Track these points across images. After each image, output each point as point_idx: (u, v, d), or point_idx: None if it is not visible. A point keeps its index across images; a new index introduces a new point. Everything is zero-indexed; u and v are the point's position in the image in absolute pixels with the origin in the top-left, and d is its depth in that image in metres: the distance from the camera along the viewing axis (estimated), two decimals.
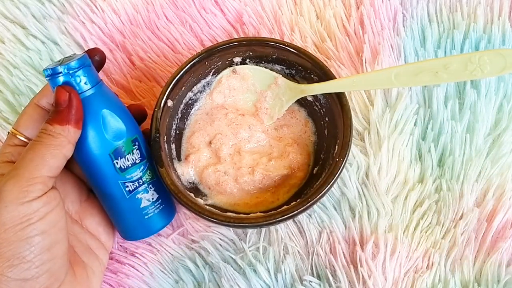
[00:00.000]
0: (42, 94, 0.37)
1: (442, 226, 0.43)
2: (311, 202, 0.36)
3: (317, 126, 0.45)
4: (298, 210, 0.36)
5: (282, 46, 0.42)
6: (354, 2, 0.52)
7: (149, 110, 0.48)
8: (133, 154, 0.38)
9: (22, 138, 0.36)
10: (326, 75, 0.41)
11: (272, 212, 0.37)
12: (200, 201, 0.39)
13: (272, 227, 0.44)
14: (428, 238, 0.43)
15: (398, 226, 0.43)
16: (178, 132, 0.44)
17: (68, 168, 0.40)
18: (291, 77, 0.45)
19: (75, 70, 0.34)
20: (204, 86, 0.45)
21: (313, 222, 0.44)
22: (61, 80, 0.34)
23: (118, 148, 0.36)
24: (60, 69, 0.34)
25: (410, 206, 0.44)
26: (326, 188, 0.37)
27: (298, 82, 0.44)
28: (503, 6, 0.50)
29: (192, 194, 0.39)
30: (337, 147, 0.39)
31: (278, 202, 0.41)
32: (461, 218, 0.43)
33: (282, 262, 0.42)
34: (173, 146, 0.43)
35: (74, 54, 0.37)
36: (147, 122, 0.42)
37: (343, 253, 0.42)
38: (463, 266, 0.42)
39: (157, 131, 0.40)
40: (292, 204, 0.37)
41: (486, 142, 0.45)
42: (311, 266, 0.43)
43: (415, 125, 0.46)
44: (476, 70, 0.34)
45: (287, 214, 0.36)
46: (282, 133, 0.45)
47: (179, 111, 0.44)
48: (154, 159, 0.39)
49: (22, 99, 0.49)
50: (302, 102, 0.45)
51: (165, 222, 0.41)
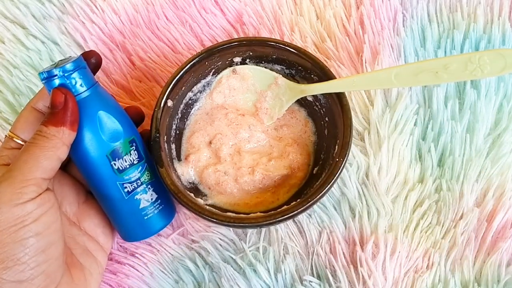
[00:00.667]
0: (39, 97, 0.37)
1: (442, 226, 0.43)
2: (311, 202, 0.36)
3: (317, 126, 0.45)
4: (298, 210, 0.36)
5: (282, 46, 0.42)
6: (354, 2, 0.52)
7: (149, 110, 0.48)
8: (130, 155, 0.38)
9: (19, 141, 0.36)
10: (326, 75, 0.41)
11: (272, 212, 0.37)
12: (200, 201, 0.39)
13: (272, 227, 0.44)
14: (428, 238, 0.43)
15: (398, 226, 0.43)
16: (178, 132, 0.44)
17: (66, 170, 0.40)
18: (291, 77, 0.45)
19: (71, 73, 0.34)
20: (204, 86, 0.45)
21: (313, 222, 0.44)
22: (56, 82, 0.34)
23: (115, 149, 0.37)
24: (55, 71, 0.34)
25: (410, 206, 0.44)
26: (326, 188, 0.37)
27: (298, 82, 0.44)
28: (503, 6, 0.50)
29: (192, 194, 0.39)
30: (337, 147, 0.39)
31: (278, 202, 0.41)
32: (461, 218, 0.43)
33: (282, 262, 0.42)
34: (173, 146, 0.43)
35: (69, 56, 0.37)
36: (147, 122, 0.42)
37: (343, 253, 0.42)
38: (463, 266, 0.42)
39: (157, 131, 0.40)
40: (292, 204, 0.37)
41: (486, 142, 0.45)
42: (311, 266, 0.43)
43: (415, 125, 0.46)
44: (476, 70, 0.34)
45: (287, 214, 0.36)
46: (282, 133, 0.45)
47: (179, 111, 0.44)
48: (154, 159, 0.39)
49: (22, 99, 0.49)
50: (302, 102, 0.45)
51: (165, 222, 0.41)
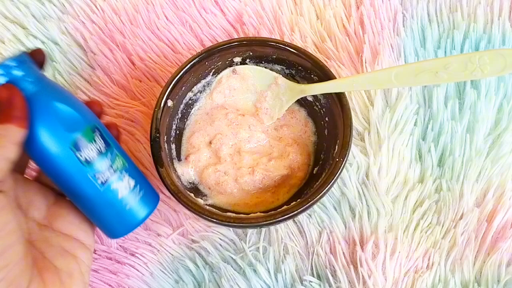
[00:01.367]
0: None
1: (442, 226, 0.43)
2: (311, 202, 0.36)
3: (317, 126, 0.45)
4: (298, 210, 0.36)
5: (282, 46, 0.42)
6: (354, 2, 0.52)
7: (149, 110, 0.48)
8: (95, 142, 0.34)
9: None
10: (326, 75, 0.41)
11: (272, 212, 0.37)
12: (200, 201, 0.39)
13: (272, 227, 0.44)
14: (428, 238, 0.43)
15: (398, 226, 0.43)
16: (178, 132, 0.44)
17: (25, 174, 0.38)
18: (291, 77, 0.45)
19: (13, 68, 0.32)
20: (204, 86, 0.45)
21: (313, 222, 0.44)
22: (1, 81, 0.32)
23: (78, 139, 0.33)
24: None
25: (410, 206, 0.44)
26: (326, 188, 0.37)
27: (298, 82, 0.44)
28: (503, 6, 0.50)
29: (192, 194, 0.39)
30: (337, 147, 0.39)
31: (278, 202, 0.41)
32: (461, 218, 0.43)
33: (282, 262, 0.42)
34: (173, 146, 0.43)
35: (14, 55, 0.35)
36: (147, 122, 0.41)
37: (343, 253, 0.42)
38: (463, 266, 0.42)
39: (157, 131, 0.40)
40: (292, 204, 0.37)
41: (486, 142, 0.45)
42: (311, 266, 0.43)
43: (415, 125, 0.46)
44: (476, 70, 0.34)
45: (287, 214, 0.36)
46: (282, 133, 0.45)
47: (179, 111, 0.44)
48: (154, 159, 0.39)
49: None
50: (302, 102, 0.45)
51: (149, 208, 0.37)
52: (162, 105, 0.41)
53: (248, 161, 0.43)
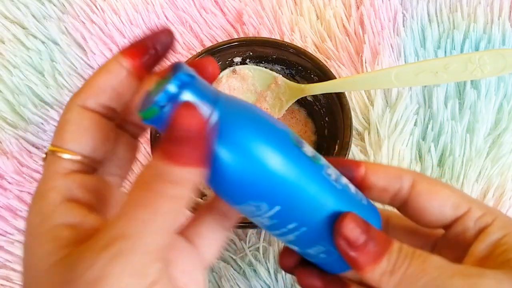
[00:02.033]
0: (88, 93, 0.23)
1: None
2: None
3: (317, 126, 0.45)
4: None
5: (282, 46, 0.42)
6: (354, 2, 0.52)
7: None
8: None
9: (76, 158, 0.22)
10: (326, 75, 0.41)
11: None
12: (200, 201, 0.39)
13: None
14: None
15: None
16: None
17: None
18: (291, 77, 0.45)
19: (189, 84, 0.20)
20: None
21: None
22: (169, 99, 0.19)
23: (293, 134, 0.24)
24: (172, 87, 0.19)
25: None
26: None
27: (298, 82, 0.44)
28: (503, 6, 0.50)
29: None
30: (337, 147, 0.39)
31: None
32: None
33: None
34: None
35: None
36: None
37: None
38: None
39: (157, 131, 0.40)
40: None
41: (486, 142, 0.45)
42: None
43: (415, 125, 0.46)
44: (476, 70, 0.34)
45: None
46: None
47: None
48: None
49: (21, 99, 0.49)
50: (302, 102, 0.45)
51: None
52: None
53: None
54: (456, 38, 0.49)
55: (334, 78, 0.40)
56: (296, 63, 0.43)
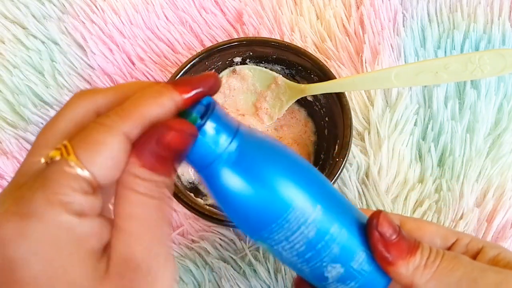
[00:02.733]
0: (136, 122, 0.21)
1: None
2: None
3: (317, 126, 0.45)
4: None
5: (282, 46, 0.42)
6: (354, 2, 0.52)
7: None
8: None
9: (92, 181, 0.20)
10: (326, 75, 0.41)
11: None
12: (200, 201, 0.39)
13: None
14: None
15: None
16: None
17: None
18: (291, 77, 0.45)
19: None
20: None
21: None
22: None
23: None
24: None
25: (410, 206, 0.44)
26: None
27: (298, 82, 0.44)
28: (503, 6, 0.50)
29: (192, 194, 0.39)
30: (337, 147, 0.39)
31: None
32: (461, 218, 0.43)
33: None
34: None
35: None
36: None
37: None
38: None
39: None
40: None
41: (486, 142, 0.45)
42: None
43: (415, 125, 0.46)
44: (476, 70, 0.34)
45: None
46: (282, 133, 0.45)
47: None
48: None
49: (21, 99, 0.49)
50: (302, 102, 0.45)
51: None
52: None
53: None
54: (456, 38, 0.49)
55: (334, 78, 0.40)
56: (296, 63, 0.43)
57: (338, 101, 0.40)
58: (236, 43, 0.43)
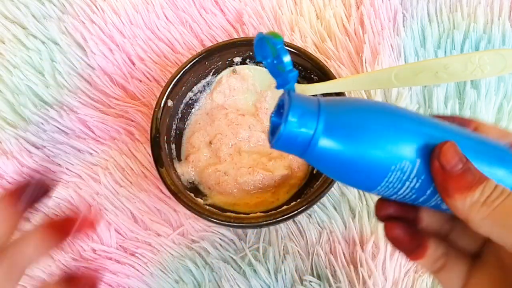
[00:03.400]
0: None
1: None
2: (311, 202, 0.36)
3: None
4: (298, 210, 0.36)
5: None
6: (354, 2, 0.52)
7: (149, 110, 0.48)
8: None
9: None
10: (326, 75, 0.41)
11: (272, 212, 0.37)
12: (200, 201, 0.39)
13: (272, 227, 0.44)
14: None
15: None
16: (178, 132, 0.44)
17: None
18: None
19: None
20: (204, 86, 0.45)
21: (313, 222, 0.44)
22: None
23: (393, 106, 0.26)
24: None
25: None
26: (326, 188, 0.37)
27: (298, 82, 0.44)
28: (503, 6, 0.50)
29: (192, 194, 0.39)
30: None
31: (278, 202, 0.41)
32: None
33: (282, 262, 0.42)
34: (173, 146, 0.43)
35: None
36: (147, 122, 0.41)
37: (343, 253, 0.42)
38: None
39: (157, 131, 0.40)
40: (292, 204, 0.37)
41: None
42: (311, 266, 0.43)
43: None
44: (476, 70, 0.34)
45: (287, 214, 0.36)
46: None
47: (179, 111, 0.44)
48: (154, 159, 0.39)
49: (21, 99, 0.49)
50: None
51: None
52: (162, 105, 0.41)
53: (248, 161, 0.43)
54: (456, 38, 0.49)
55: (334, 78, 0.40)
56: (296, 63, 0.43)
57: None
58: (236, 43, 0.43)
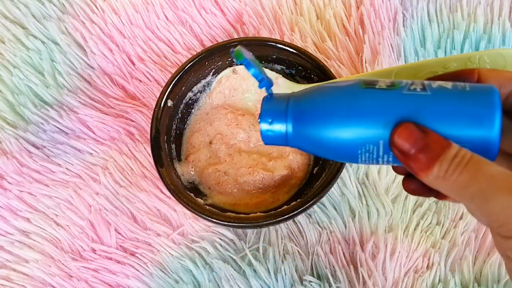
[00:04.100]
0: None
1: (442, 226, 0.43)
2: (311, 202, 0.36)
3: None
4: (298, 210, 0.36)
5: (282, 46, 0.42)
6: (354, 2, 0.52)
7: (149, 110, 0.48)
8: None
9: None
10: (326, 75, 0.41)
11: (272, 212, 0.37)
12: (200, 201, 0.39)
13: (272, 227, 0.44)
14: (428, 238, 0.43)
15: (398, 226, 0.43)
16: (178, 132, 0.44)
17: None
18: (291, 77, 0.45)
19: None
20: (204, 86, 0.45)
21: (313, 222, 0.44)
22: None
23: (363, 80, 0.28)
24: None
25: (410, 206, 0.44)
26: (326, 188, 0.37)
27: (298, 82, 0.44)
28: (503, 6, 0.50)
29: (192, 194, 0.39)
30: None
31: (278, 202, 0.41)
32: (461, 218, 0.43)
33: (282, 262, 0.42)
34: (173, 146, 0.43)
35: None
36: (146, 122, 0.41)
37: (343, 253, 0.42)
38: (463, 266, 0.42)
39: (157, 131, 0.40)
40: (292, 204, 0.37)
41: None
42: (311, 266, 0.43)
43: None
44: None
45: (287, 214, 0.36)
46: None
47: (179, 111, 0.44)
48: (154, 159, 0.39)
49: (21, 99, 0.49)
50: None
51: None
52: (162, 105, 0.41)
53: (248, 161, 0.43)
54: (456, 38, 0.49)
55: (334, 78, 0.40)
56: (296, 63, 0.43)
57: None
58: (236, 43, 0.43)
